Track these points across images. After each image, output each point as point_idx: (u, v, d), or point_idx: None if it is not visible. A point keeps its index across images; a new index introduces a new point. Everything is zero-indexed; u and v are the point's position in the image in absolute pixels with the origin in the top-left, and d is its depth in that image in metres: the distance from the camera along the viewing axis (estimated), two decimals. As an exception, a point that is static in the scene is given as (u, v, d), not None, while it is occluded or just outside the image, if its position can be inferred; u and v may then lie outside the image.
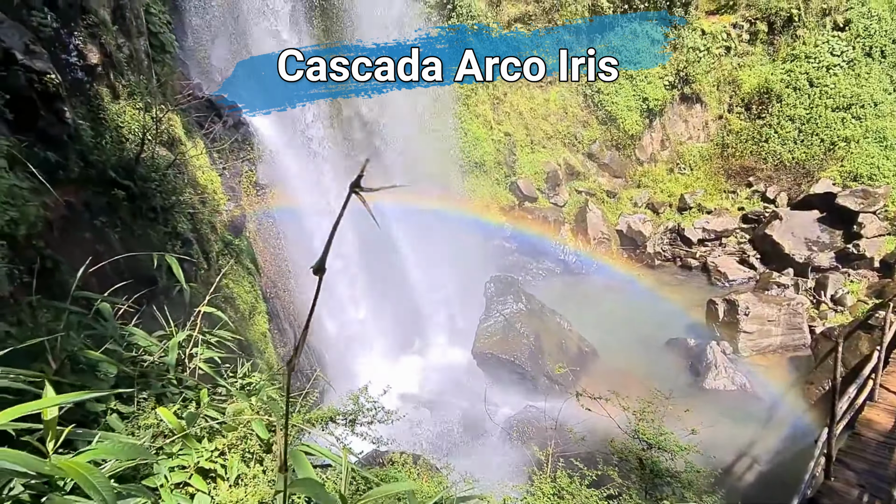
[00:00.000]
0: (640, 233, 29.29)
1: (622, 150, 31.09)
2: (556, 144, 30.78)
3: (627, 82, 29.70)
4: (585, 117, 30.80)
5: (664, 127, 30.95)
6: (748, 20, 29.03)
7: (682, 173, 30.87)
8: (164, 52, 12.29)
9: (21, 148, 6.86)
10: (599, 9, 29.24)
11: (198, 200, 11.39)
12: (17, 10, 8.45)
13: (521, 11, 28.98)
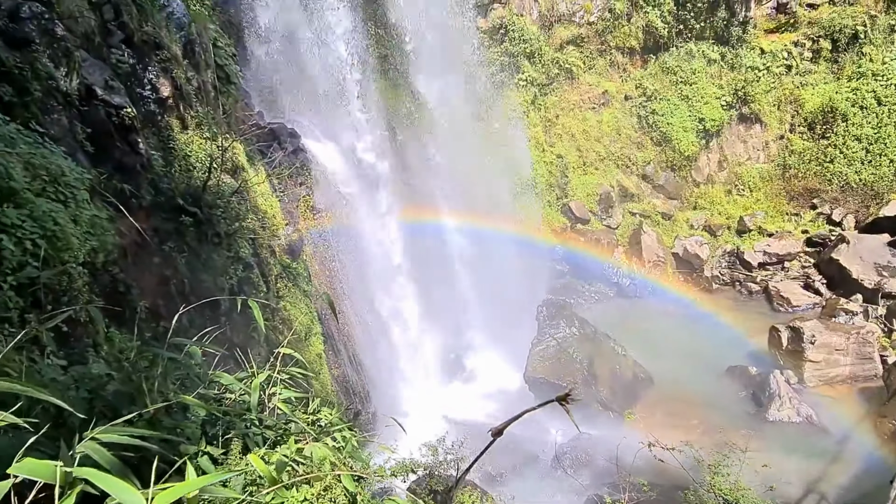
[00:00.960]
0: (697, 256, 28.56)
1: (677, 172, 30.50)
2: (609, 166, 30.46)
3: (683, 103, 29.22)
4: (639, 138, 30.41)
5: (722, 147, 30.25)
6: (810, 38, 28.24)
7: (741, 195, 30.03)
8: (229, 83, 12.81)
9: (100, 180, 7.25)
10: (654, 29, 28.97)
11: (258, 225, 11.76)
12: (99, 49, 9.00)
13: (574, 34, 28.98)
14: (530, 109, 29.13)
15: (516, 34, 27.17)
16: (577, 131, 30.06)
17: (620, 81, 30.39)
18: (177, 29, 10.95)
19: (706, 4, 28.24)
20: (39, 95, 6.95)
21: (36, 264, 4.28)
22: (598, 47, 29.67)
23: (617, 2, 28.54)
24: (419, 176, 23.69)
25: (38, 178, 5.18)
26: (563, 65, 28.97)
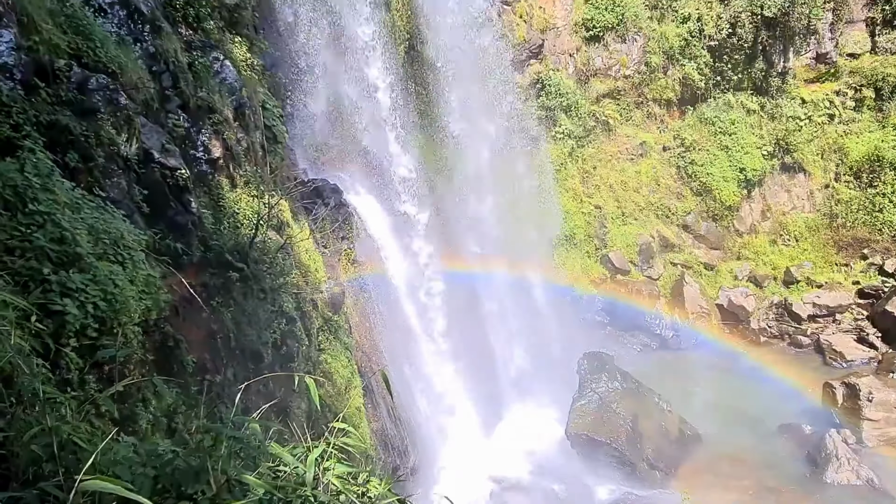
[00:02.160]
0: (743, 307, 27.81)
1: (719, 222, 30.05)
2: (649, 216, 30.22)
3: (722, 153, 29.02)
4: (679, 188, 30.19)
5: (764, 197, 29.79)
6: (853, 87, 27.95)
7: (787, 245, 29.35)
8: (276, 142, 13.32)
9: (154, 239, 7.55)
10: (690, 81, 29.11)
11: (302, 280, 11.99)
12: (157, 114, 9.51)
13: (610, 87, 29.31)
14: (567, 161, 29.30)
15: (553, 88, 27.61)
16: (616, 182, 30.04)
17: (658, 132, 30.44)
18: (229, 93, 11.50)
19: (743, 56, 28.34)
20: (102, 161, 7.36)
21: (96, 326, 4.46)
22: (635, 99, 29.89)
23: (652, 55, 28.85)
24: (457, 226, 23.92)
25: (100, 241, 5.44)
26: (599, 117, 29.22)
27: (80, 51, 7.75)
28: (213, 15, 11.57)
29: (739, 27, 27.54)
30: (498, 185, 25.40)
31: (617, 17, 27.77)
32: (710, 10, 28.09)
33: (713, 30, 28.06)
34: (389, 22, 19.72)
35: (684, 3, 28.32)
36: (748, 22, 27.36)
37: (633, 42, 28.68)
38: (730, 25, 27.72)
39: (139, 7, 9.27)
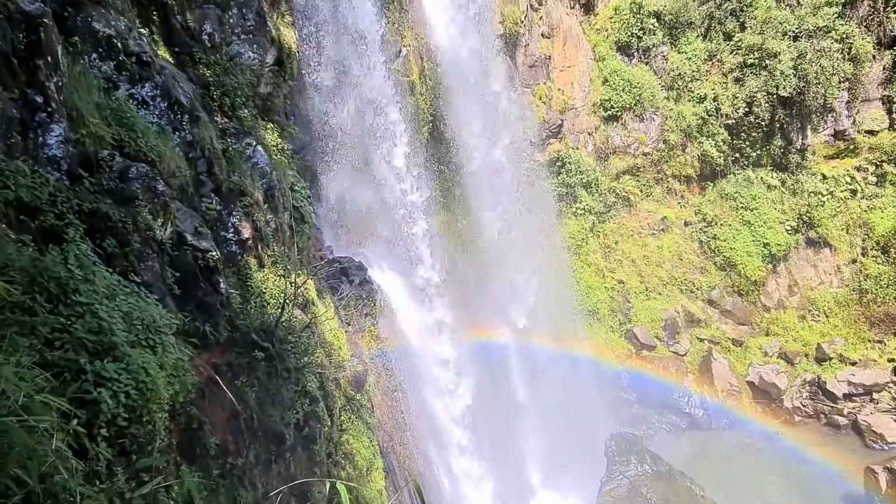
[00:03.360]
0: (775, 385, 26.99)
1: (745, 297, 29.65)
2: (673, 291, 29.97)
3: (745, 228, 28.98)
4: (702, 263, 30.03)
5: (790, 272, 29.45)
6: (873, 163, 28.08)
7: (817, 321, 28.73)
8: (303, 222, 13.65)
9: (184, 321, 7.69)
10: (709, 158, 29.48)
11: (326, 359, 11.99)
12: (191, 199, 9.86)
13: (630, 164, 29.77)
14: (589, 236, 29.47)
15: (573, 166, 28.12)
16: (638, 257, 30.01)
17: (679, 208, 30.61)
18: (259, 176, 11.91)
19: (761, 134, 28.76)
20: (138, 246, 7.60)
21: (127, 416, 4.50)
22: (655, 176, 30.26)
23: (670, 133, 29.40)
24: (480, 300, 23.95)
25: (134, 327, 5.56)
26: (620, 193, 29.57)
27: (123, 141, 8.16)
28: (248, 103, 12.14)
29: (755, 106, 28.09)
30: (520, 261, 25.54)
31: (634, 97, 28.53)
32: (726, 90, 28.77)
33: (729, 109, 28.65)
34: (413, 105, 20.48)
35: (699, 84, 29.08)
36: (764, 101, 27.92)
37: (651, 121, 29.33)
38: (746, 105, 28.30)
39: (179, 98, 9.79)
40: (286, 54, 13.45)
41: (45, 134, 6.70)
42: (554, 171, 28.49)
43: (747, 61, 27.88)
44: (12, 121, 6.23)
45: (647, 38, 28.77)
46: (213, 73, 11.17)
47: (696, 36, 29.26)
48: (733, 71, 28.42)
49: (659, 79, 29.12)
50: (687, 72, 28.92)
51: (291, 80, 13.88)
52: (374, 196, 19.40)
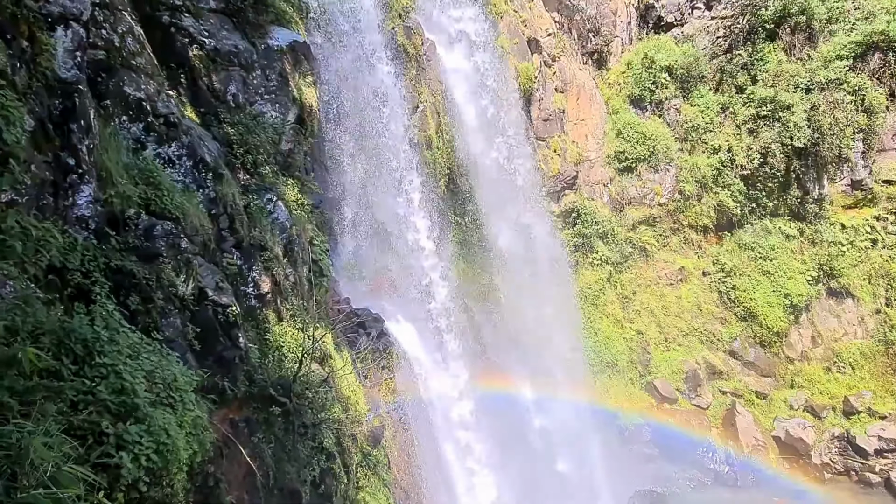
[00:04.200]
0: (802, 440, 26.17)
1: (768, 348, 29.10)
2: (693, 342, 29.51)
3: (765, 278, 28.67)
4: (722, 314, 29.64)
5: (813, 323, 28.93)
6: (892, 212, 27.86)
7: (843, 373, 28.03)
8: (322, 275, 13.76)
9: (203, 378, 7.71)
10: (726, 208, 29.45)
11: (342, 414, 11.89)
12: (213, 254, 10.02)
13: (646, 214, 29.80)
14: (606, 286, 29.29)
15: (588, 217, 28.20)
16: (656, 307, 29.71)
17: (696, 258, 30.44)
18: (280, 231, 12.11)
19: (777, 184, 28.76)
20: (161, 302, 7.72)
21: (147, 480, 4.49)
22: (671, 226, 30.24)
23: (685, 184, 29.50)
24: (496, 351, 23.76)
25: (155, 386, 5.59)
26: (636, 243, 29.51)
27: (149, 199, 8.38)
28: (269, 160, 12.43)
29: (770, 157, 28.20)
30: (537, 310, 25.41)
31: (648, 149, 28.80)
32: (740, 141, 28.96)
33: (744, 160, 28.77)
34: (431, 159, 20.83)
35: (713, 136, 29.31)
36: (779, 152, 28.03)
37: (666, 172, 29.50)
38: (761, 156, 28.42)
39: (204, 157, 10.07)
40: (307, 112, 13.83)
41: (76, 194, 6.91)
42: (569, 222, 28.57)
43: (760, 113, 28.15)
44: (45, 183, 6.44)
45: (660, 91, 29.23)
46: (237, 131, 11.51)
47: (709, 89, 29.69)
48: (747, 123, 28.66)
49: (672, 131, 29.43)
50: (700, 124, 29.22)
51: (312, 138, 14.23)
52: (390, 247, 19.55)
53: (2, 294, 4.83)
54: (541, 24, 26.22)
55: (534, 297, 25.32)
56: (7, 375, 3.22)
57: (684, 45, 29.74)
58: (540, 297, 25.72)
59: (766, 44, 28.81)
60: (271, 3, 12.77)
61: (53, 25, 6.49)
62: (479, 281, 24.32)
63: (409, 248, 19.68)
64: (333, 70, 16.41)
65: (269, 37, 12.77)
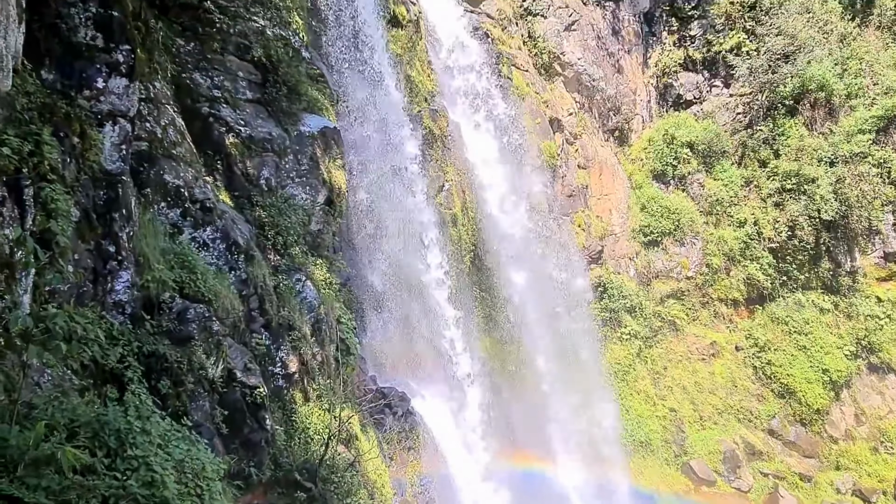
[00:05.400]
0: (853, 528, 24.61)
1: (809, 426, 27.87)
2: (730, 420, 28.42)
3: (801, 353, 27.82)
4: (759, 390, 28.65)
5: (855, 400, 27.78)
6: (929, 285, 27.21)
7: (891, 453, 26.64)
8: (349, 354, 13.73)
9: (230, 464, 7.63)
10: (756, 281, 29.01)
11: (368, 500, 11.57)
12: (243, 335, 10.12)
13: (673, 288, 29.46)
14: (636, 362, 28.66)
15: (615, 291, 27.96)
16: (689, 383, 28.85)
17: (728, 332, 29.78)
18: (308, 310, 12.22)
19: (807, 257, 28.39)
20: (191, 386, 7.77)
21: (174, 576, 4.39)
22: (700, 299, 29.79)
23: (713, 257, 29.25)
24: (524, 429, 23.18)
25: (184, 476, 5.55)
26: (665, 317, 29.04)
27: (184, 283, 8.58)
28: (299, 241, 12.71)
29: (798, 230, 27.97)
30: (566, 388, 24.87)
31: (673, 223, 28.79)
32: (766, 214, 28.86)
33: (772, 233, 28.57)
34: (456, 236, 21.08)
35: (738, 209, 29.27)
36: (807, 225, 27.82)
37: (692, 245, 29.35)
38: (788, 229, 28.21)
39: (237, 240, 10.35)
40: (336, 194, 14.20)
41: (114, 280, 7.12)
42: (596, 296, 28.33)
43: (785, 186, 28.15)
44: (86, 270, 6.67)
45: (682, 166, 29.51)
46: (269, 214, 11.85)
47: (731, 163, 29.89)
48: (772, 196, 28.64)
49: (697, 204, 29.47)
50: (725, 197, 29.25)
51: (340, 218, 14.55)
52: (416, 324, 19.50)
53: (40, 384, 4.93)
54: (562, 104, 26.96)
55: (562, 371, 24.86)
56: (45, 475, 3.24)
57: (704, 121, 30.20)
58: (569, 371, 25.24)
59: (787, 119, 29.13)
60: (304, 91, 13.37)
61: (102, 122, 6.89)
62: (506, 357, 24.02)
63: (435, 325, 19.62)
64: (362, 152, 16.95)
65: (302, 123, 13.31)
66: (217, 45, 10.95)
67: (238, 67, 12.01)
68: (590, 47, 27.58)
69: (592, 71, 27.75)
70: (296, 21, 13.58)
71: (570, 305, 25.88)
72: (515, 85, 24.17)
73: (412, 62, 20.28)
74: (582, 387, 25.13)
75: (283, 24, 12.34)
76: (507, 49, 24.54)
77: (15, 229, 5.11)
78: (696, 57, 30.67)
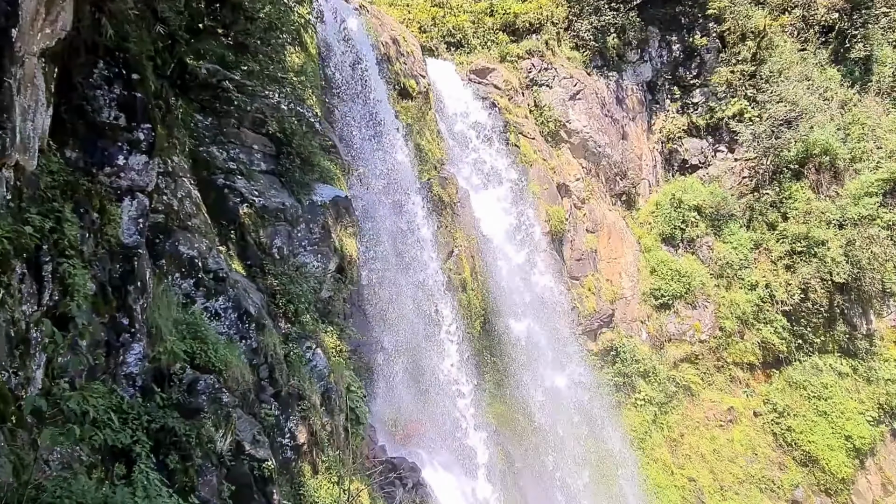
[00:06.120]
0: None
1: (835, 497, 26.80)
2: (752, 490, 27.40)
3: (822, 419, 27.07)
4: (780, 458, 27.73)
5: (881, 468, 26.80)
6: (949, 347, 26.67)
7: (923, 526, 25.45)
8: (358, 423, 13.52)
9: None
10: (771, 345, 28.58)
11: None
12: (252, 405, 10.01)
13: (687, 352, 29.04)
14: (652, 429, 27.96)
15: (628, 355, 27.60)
16: (707, 451, 28.01)
17: (745, 397, 29.12)
18: (318, 379, 12.12)
19: (822, 319, 28.05)
20: (199, 460, 7.63)
21: None
22: (715, 363, 29.30)
23: (726, 320, 28.96)
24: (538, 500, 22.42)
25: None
26: (680, 382, 28.51)
27: (195, 353, 8.57)
28: (310, 308, 12.75)
29: (811, 292, 27.76)
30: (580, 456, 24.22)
31: (683, 286, 28.68)
32: (777, 277, 28.72)
33: (784, 295, 28.34)
34: (465, 301, 21.06)
35: (749, 272, 29.16)
36: (819, 287, 27.62)
37: (704, 308, 29.11)
38: (801, 291, 28.00)
39: (248, 309, 10.39)
40: (347, 261, 14.35)
41: (126, 353, 7.13)
42: (608, 361, 27.95)
43: (795, 249, 28.12)
44: (99, 343, 6.70)
45: (691, 229, 29.63)
46: (281, 282, 11.94)
47: (740, 226, 30.00)
48: (782, 258, 28.58)
49: (707, 267, 29.42)
50: (735, 260, 29.21)
51: (351, 285, 14.62)
52: (426, 391, 19.24)
53: (49, 462, 4.88)
54: (569, 170, 27.41)
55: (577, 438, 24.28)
56: (52, 564, 3.18)
57: (711, 185, 30.54)
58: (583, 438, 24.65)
59: (793, 182, 29.40)
60: (317, 162, 13.73)
61: (121, 197, 7.06)
62: (517, 424, 23.52)
63: (446, 392, 19.35)
64: (372, 220, 17.20)
65: (314, 193, 13.60)
66: (234, 120, 11.33)
67: (253, 140, 12.39)
68: (595, 115, 28.25)
69: (598, 137, 28.33)
70: (310, 97, 14.08)
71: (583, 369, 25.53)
72: (523, 152, 24.68)
73: (422, 131, 20.84)
74: (597, 456, 24.47)
75: (297, 100, 12.78)
76: (514, 118, 25.19)
77: (32, 305, 5.19)
78: (699, 123, 31.32)
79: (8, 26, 4.82)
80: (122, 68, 6.89)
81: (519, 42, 27.34)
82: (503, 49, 26.91)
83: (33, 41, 5.29)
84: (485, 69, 25.73)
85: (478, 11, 27.43)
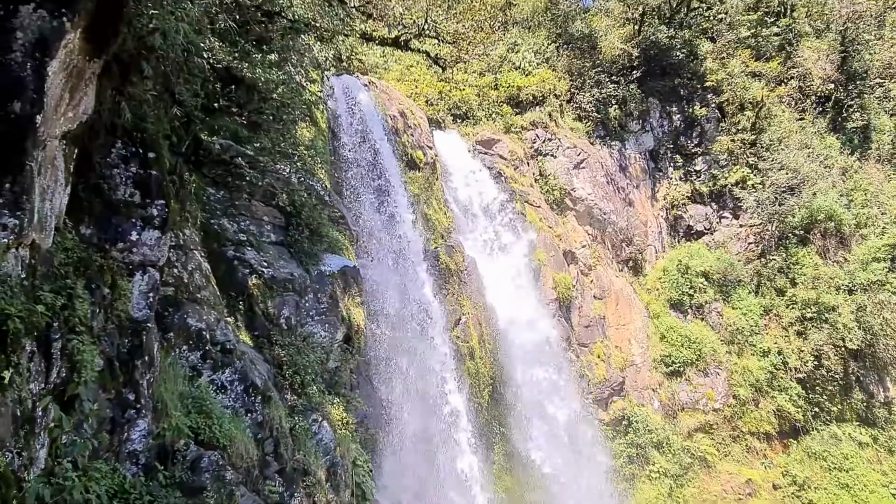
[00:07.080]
0: None
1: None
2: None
3: (844, 492, 26.05)
4: (803, 532, 26.55)
5: (911, 543, 25.58)
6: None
7: None
8: (364, 499, 13.13)
9: None
10: (786, 413, 27.89)
11: None
12: (256, 482, 9.75)
13: (701, 421, 28.32)
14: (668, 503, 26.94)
15: (640, 424, 26.93)
16: (725, 518, 26.89)
17: (763, 468, 28.17)
18: (323, 453, 11.86)
19: (838, 387, 27.49)
20: (200, 545, 7.40)
21: None
22: (730, 433, 28.51)
23: (739, 388, 28.38)
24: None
25: None
26: (695, 453, 27.66)
27: (199, 429, 8.44)
28: (316, 379, 12.61)
29: (825, 359, 27.30)
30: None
31: (694, 352, 28.28)
32: (789, 343, 28.33)
33: (797, 362, 27.88)
34: (474, 369, 20.81)
35: (760, 338, 28.82)
36: (832, 354, 27.19)
37: (716, 375, 28.60)
38: (814, 358, 27.55)
39: (255, 381, 10.29)
40: (354, 330, 14.29)
41: (131, 430, 7.03)
42: (620, 431, 27.26)
43: (806, 315, 27.86)
44: (104, 420, 6.62)
45: (699, 295, 29.49)
46: (287, 353, 11.87)
47: (748, 292, 29.85)
48: (793, 325, 28.28)
49: (717, 334, 29.09)
50: (745, 326, 28.90)
51: (359, 355, 14.52)
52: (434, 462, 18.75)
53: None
54: (575, 237, 27.60)
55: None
56: None
57: (717, 251, 30.61)
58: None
59: (799, 248, 29.44)
60: (325, 233, 13.89)
61: (133, 272, 7.14)
62: (526, 499, 22.77)
63: (453, 463, 18.85)
64: (380, 288, 17.24)
65: (322, 263, 13.70)
66: (245, 193, 11.57)
67: (263, 213, 12.61)
68: (599, 183, 28.68)
69: (603, 205, 28.67)
70: (319, 170, 14.41)
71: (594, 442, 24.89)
72: (529, 220, 24.93)
73: (429, 201, 21.17)
74: None
75: (307, 173, 13.08)
76: (520, 187, 25.60)
77: (39, 383, 5.17)
78: (702, 190, 31.71)
79: (33, 113, 5.02)
80: (138, 147, 7.10)
81: (523, 114, 28.12)
82: (508, 121, 27.65)
83: (56, 125, 5.49)
84: (490, 140, 26.36)
85: (482, 85, 28.34)
